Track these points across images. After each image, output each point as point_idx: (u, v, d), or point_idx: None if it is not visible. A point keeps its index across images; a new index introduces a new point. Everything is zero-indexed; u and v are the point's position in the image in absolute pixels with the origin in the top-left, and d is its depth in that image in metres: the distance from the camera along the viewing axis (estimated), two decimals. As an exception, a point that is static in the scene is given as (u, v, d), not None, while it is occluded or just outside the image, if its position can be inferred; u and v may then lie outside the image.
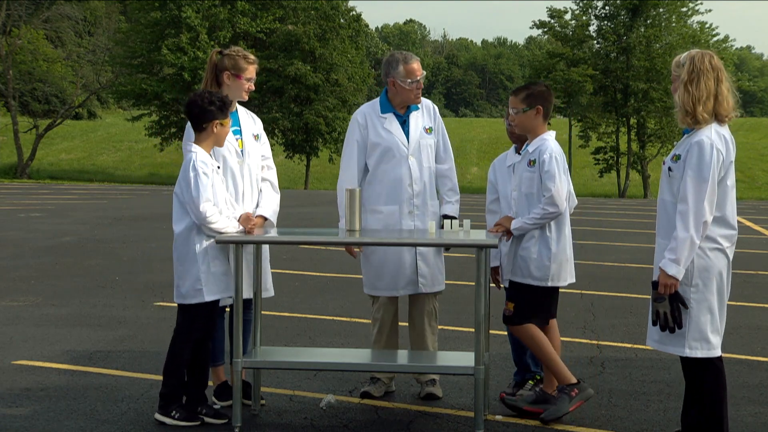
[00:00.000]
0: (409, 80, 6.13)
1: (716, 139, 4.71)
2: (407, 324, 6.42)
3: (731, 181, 4.82)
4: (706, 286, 4.77)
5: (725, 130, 4.80)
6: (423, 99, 6.34)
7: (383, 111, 6.25)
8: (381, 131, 6.21)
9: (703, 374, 4.83)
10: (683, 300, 4.75)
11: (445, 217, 6.20)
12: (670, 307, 4.74)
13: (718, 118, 4.76)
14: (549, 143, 5.79)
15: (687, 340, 4.78)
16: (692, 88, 4.71)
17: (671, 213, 4.80)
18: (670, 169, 4.82)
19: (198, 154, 5.54)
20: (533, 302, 5.74)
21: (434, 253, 6.24)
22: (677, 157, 4.79)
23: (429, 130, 6.28)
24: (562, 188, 5.69)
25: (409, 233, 5.98)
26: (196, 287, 5.53)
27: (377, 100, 6.36)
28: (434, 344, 6.32)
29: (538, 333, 5.69)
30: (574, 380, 5.68)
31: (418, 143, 6.22)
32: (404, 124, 6.25)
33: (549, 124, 5.95)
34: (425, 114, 6.31)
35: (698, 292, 4.76)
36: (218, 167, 5.64)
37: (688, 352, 4.80)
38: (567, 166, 5.88)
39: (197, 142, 5.62)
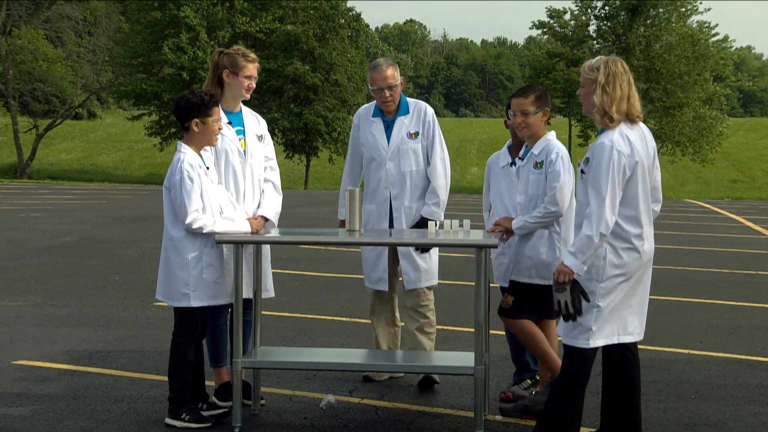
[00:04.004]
0: (371, 87, 6.31)
1: (618, 140, 4.84)
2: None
3: (642, 178, 4.91)
4: (616, 284, 4.88)
5: (633, 131, 4.91)
6: (417, 102, 6.47)
7: (374, 114, 6.42)
8: (367, 134, 6.41)
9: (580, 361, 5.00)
10: (584, 292, 4.84)
11: (421, 218, 6.30)
12: (571, 297, 4.83)
13: (629, 118, 4.92)
14: (554, 143, 5.80)
15: (592, 332, 4.90)
16: (609, 89, 4.88)
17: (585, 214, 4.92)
18: (582, 171, 4.96)
19: (186, 155, 5.48)
20: (534, 300, 5.76)
21: (416, 252, 6.33)
22: (587, 160, 4.93)
23: (414, 135, 6.36)
24: (566, 188, 5.68)
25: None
26: (183, 291, 5.50)
27: (375, 102, 6.46)
28: (425, 343, 6.37)
29: (533, 327, 5.74)
30: None
31: (397, 148, 6.33)
32: (389, 128, 6.36)
33: (548, 123, 5.95)
34: (414, 119, 6.38)
35: (606, 288, 4.87)
36: (207, 168, 5.58)
37: (586, 343, 4.92)
38: (572, 167, 5.87)
39: (186, 141, 5.56)
